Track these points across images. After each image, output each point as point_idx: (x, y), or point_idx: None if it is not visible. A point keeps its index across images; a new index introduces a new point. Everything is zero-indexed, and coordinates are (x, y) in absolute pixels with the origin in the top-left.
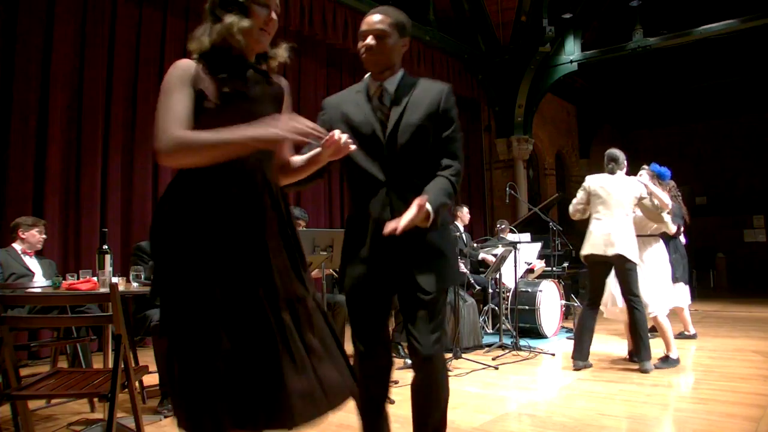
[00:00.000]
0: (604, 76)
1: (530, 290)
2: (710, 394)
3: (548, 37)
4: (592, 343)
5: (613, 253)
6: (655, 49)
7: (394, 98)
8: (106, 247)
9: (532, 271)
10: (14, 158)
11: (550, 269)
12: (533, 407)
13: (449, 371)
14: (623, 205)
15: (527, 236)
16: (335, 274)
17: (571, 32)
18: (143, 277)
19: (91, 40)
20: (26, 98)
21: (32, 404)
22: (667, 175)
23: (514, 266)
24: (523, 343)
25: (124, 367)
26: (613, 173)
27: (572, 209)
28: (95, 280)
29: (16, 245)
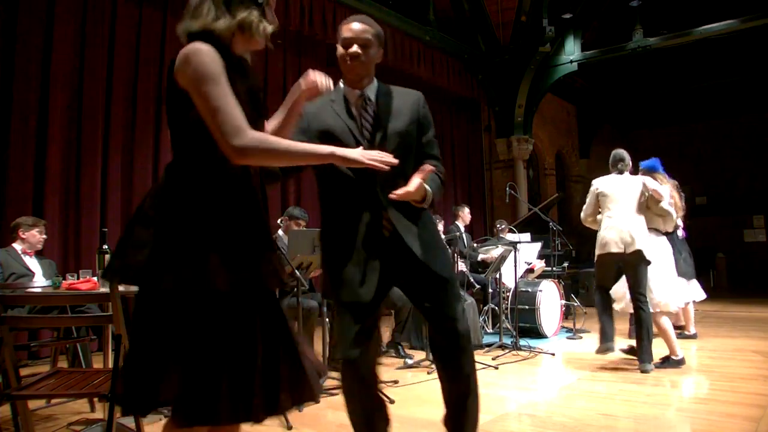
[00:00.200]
0: (604, 76)
1: (530, 290)
2: (710, 394)
3: (548, 37)
4: (613, 325)
5: (632, 250)
6: (655, 49)
7: (376, 106)
8: (106, 247)
9: (532, 271)
10: (14, 158)
11: (550, 269)
12: (533, 407)
13: None
14: (633, 203)
15: (527, 236)
16: None
17: (571, 32)
18: None
19: (91, 40)
20: (26, 98)
21: (32, 404)
22: (657, 166)
23: (514, 266)
24: (523, 342)
25: None
26: (621, 173)
27: (583, 216)
28: (95, 280)
29: (16, 245)
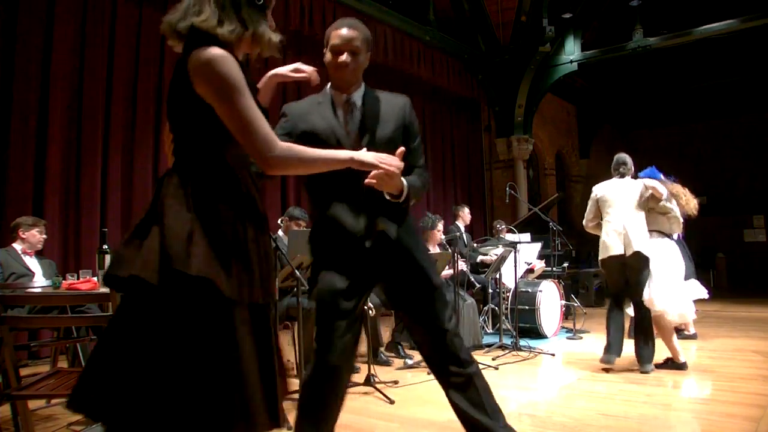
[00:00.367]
0: (604, 76)
1: (530, 290)
2: (710, 394)
3: (548, 37)
4: (621, 339)
5: (631, 251)
6: (655, 49)
7: (362, 112)
8: (106, 247)
9: (532, 271)
10: (14, 158)
11: (550, 269)
12: (533, 407)
13: None
14: (632, 205)
15: (527, 236)
16: None
17: (571, 32)
18: None
19: (91, 40)
20: (26, 98)
21: (32, 404)
22: (655, 174)
23: (514, 266)
24: (523, 343)
25: None
26: (623, 176)
27: (585, 222)
28: (95, 280)
29: (16, 245)
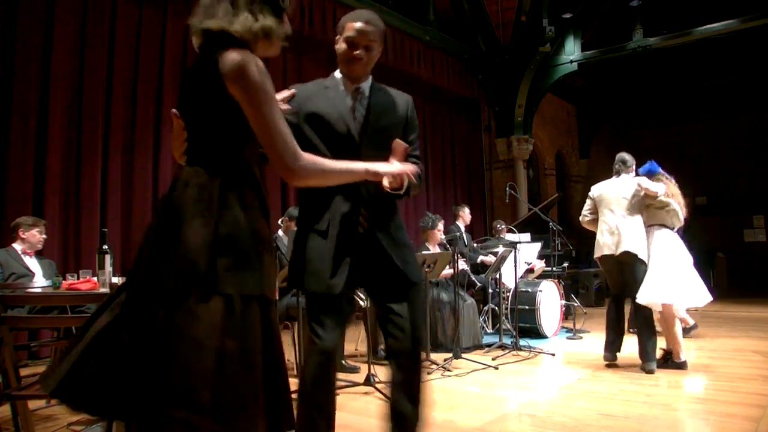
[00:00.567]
0: (604, 76)
1: (530, 290)
2: (710, 394)
3: (548, 37)
4: (620, 338)
5: (621, 251)
6: (655, 49)
7: (369, 102)
8: (106, 247)
9: (532, 271)
10: (14, 158)
11: (550, 269)
12: (533, 407)
13: (449, 371)
14: (627, 204)
15: (527, 236)
16: None
17: (571, 32)
18: None
19: (91, 40)
20: (26, 98)
21: (32, 404)
22: (654, 169)
23: (514, 266)
24: (523, 343)
25: None
26: (618, 175)
27: (581, 218)
28: (95, 280)
29: (16, 245)
